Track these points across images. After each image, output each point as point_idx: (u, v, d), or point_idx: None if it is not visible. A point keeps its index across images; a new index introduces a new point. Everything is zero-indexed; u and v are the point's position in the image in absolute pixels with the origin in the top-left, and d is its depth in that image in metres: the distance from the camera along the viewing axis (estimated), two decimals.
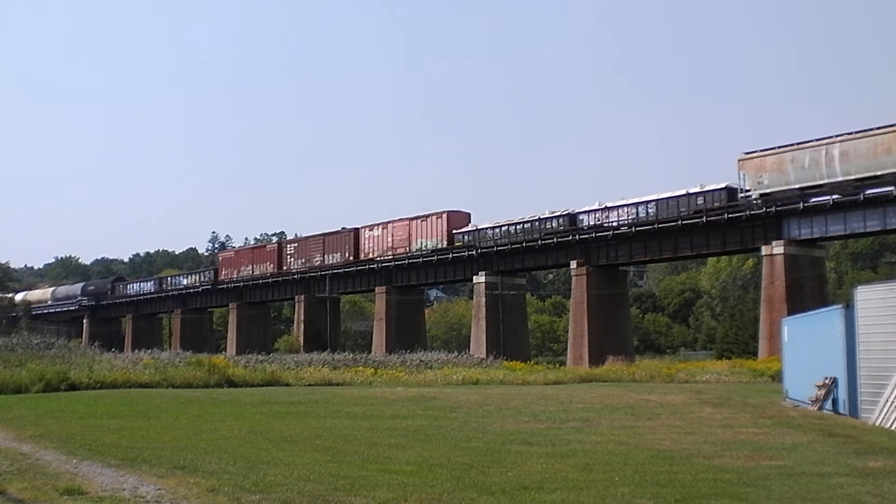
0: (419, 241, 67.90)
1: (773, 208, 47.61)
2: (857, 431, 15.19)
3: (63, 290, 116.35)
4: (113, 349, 51.34)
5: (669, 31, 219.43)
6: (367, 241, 72.50)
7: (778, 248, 48.61)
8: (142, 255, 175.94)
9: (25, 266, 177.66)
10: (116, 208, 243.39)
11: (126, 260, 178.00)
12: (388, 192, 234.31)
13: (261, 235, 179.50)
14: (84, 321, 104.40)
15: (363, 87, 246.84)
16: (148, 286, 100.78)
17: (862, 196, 44.03)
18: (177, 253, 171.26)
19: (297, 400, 24.44)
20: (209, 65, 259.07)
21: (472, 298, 74.67)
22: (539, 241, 59.47)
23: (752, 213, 48.59)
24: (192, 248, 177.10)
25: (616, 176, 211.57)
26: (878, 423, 16.05)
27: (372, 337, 73.73)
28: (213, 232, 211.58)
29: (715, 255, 73.31)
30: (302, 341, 73.81)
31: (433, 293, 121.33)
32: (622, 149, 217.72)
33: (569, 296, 65.21)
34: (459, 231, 65.72)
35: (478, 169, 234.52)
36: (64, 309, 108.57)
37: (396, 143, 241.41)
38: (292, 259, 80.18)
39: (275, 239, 78.42)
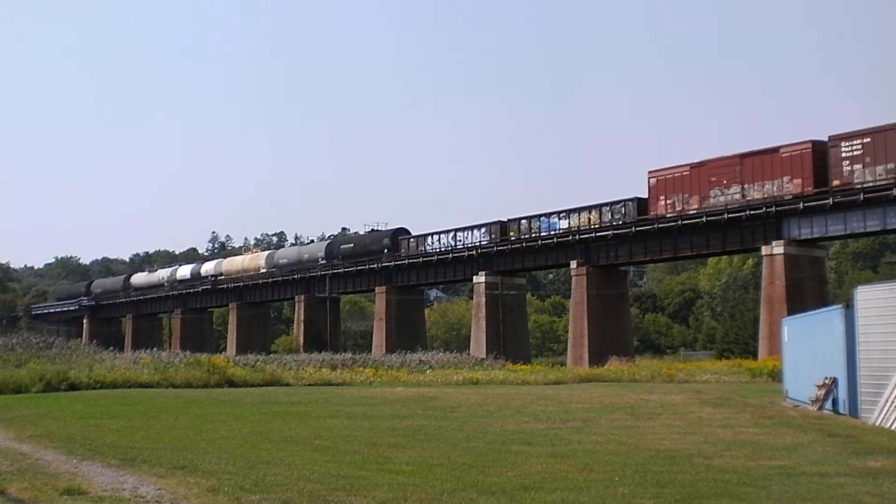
0: None
1: (773, 208, 47.54)
2: (857, 431, 15.19)
3: (290, 252, 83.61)
4: (113, 349, 51.34)
5: None
6: None
7: (778, 248, 48.53)
8: (141, 254, 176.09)
9: (25, 266, 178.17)
10: (116, 208, 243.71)
11: (126, 260, 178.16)
12: (393, 192, 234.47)
13: (261, 236, 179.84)
14: (84, 321, 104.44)
15: (362, 86, 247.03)
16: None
17: (862, 196, 43.94)
18: (177, 253, 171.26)
19: (297, 400, 24.43)
20: (210, 64, 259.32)
21: (472, 298, 74.64)
22: (539, 241, 59.42)
23: (752, 212, 48.53)
24: (192, 248, 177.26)
25: None
26: (878, 423, 16.04)
27: (372, 337, 73.73)
28: (214, 232, 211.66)
29: (715, 255, 73.30)
30: (302, 341, 73.79)
31: (433, 293, 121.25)
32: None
33: (569, 296, 65.19)
34: None
35: (474, 169, 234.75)
36: (64, 309, 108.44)
37: (398, 142, 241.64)
38: (858, 166, 43.24)
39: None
